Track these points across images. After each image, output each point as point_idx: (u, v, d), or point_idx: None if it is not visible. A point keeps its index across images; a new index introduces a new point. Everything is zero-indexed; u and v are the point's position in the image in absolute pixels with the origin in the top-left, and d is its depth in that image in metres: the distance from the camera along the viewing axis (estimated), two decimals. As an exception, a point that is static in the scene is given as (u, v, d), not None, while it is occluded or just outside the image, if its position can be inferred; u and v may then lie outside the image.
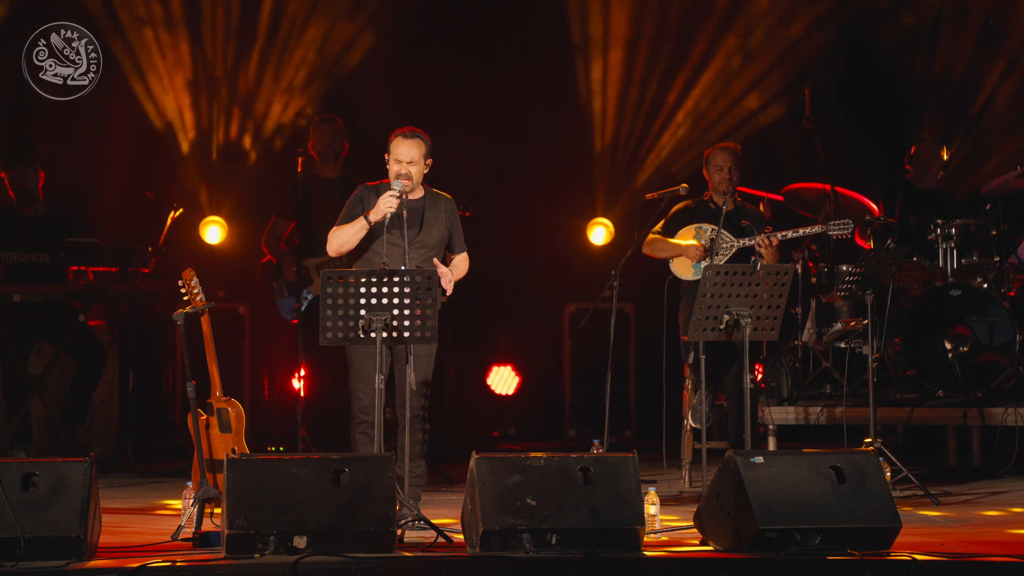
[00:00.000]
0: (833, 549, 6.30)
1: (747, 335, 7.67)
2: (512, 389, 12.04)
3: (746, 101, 11.74)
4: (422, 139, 7.58)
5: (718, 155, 9.04)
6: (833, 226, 8.82)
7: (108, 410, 10.46)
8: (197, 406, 7.48)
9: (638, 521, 6.35)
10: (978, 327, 9.78)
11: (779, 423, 9.77)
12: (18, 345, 9.94)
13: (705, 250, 8.90)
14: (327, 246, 7.62)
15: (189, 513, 7.01)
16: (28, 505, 6.17)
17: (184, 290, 7.73)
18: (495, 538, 6.27)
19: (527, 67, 11.95)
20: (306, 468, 6.32)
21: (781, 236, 8.75)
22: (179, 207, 10.26)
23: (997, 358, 9.76)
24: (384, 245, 7.39)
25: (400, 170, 7.52)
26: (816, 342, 10.08)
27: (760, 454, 6.52)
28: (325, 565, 6.06)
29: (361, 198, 7.60)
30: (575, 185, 12.03)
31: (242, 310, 11.38)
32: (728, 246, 8.84)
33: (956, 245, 9.92)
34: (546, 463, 6.42)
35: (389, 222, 7.38)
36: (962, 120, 11.63)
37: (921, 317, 9.81)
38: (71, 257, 9.82)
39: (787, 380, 9.95)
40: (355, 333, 7.02)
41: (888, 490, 6.54)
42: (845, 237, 8.97)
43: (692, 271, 8.97)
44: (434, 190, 7.71)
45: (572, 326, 11.78)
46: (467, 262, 7.80)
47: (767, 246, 8.73)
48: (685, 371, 9.21)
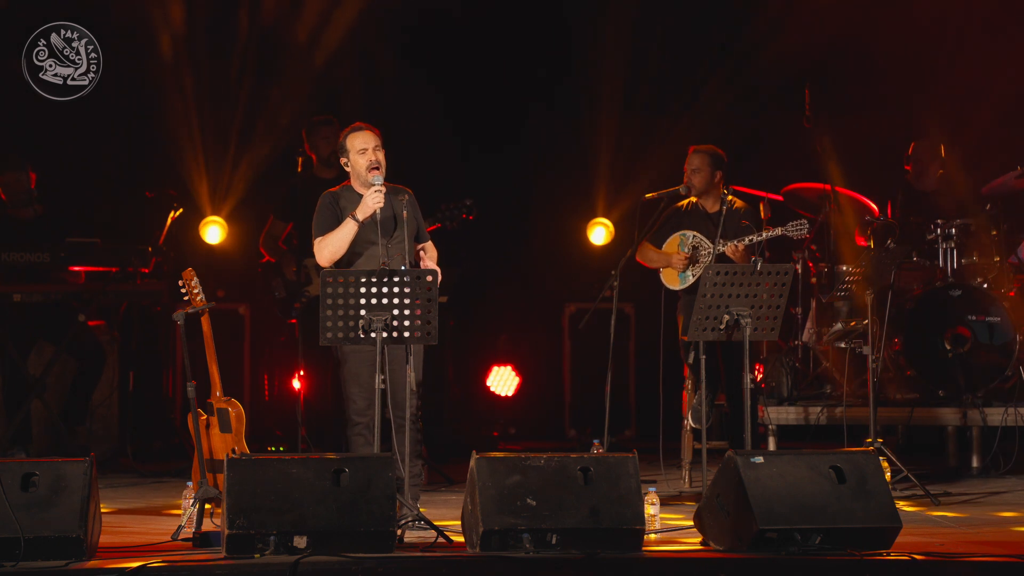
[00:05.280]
0: (833, 549, 6.30)
1: (747, 335, 7.67)
2: (512, 389, 12.04)
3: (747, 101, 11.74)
4: (373, 130, 7.55)
5: (689, 157, 9.06)
6: (791, 227, 8.83)
7: (108, 410, 10.46)
8: (197, 406, 7.48)
9: (638, 521, 6.35)
10: (978, 327, 9.78)
11: (779, 423, 9.77)
12: (18, 345, 9.94)
13: (688, 259, 8.92)
14: (318, 257, 7.51)
15: (189, 513, 7.01)
16: (28, 505, 6.17)
17: (184, 290, 7.73)
18: (495, 538, 6.27)
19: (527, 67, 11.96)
20: (306, 468, 6.32)
21: (748, 241, 8.76)
22: (179, 207, 10.26)
23: (997, 358, 9.76)
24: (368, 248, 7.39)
25: (370, 157, 7.46)
26: (816, 342, 10.09)
27: (760, 454, 6.52)
28: (325, 565, 6.06)
29: (331, 204, 7.52)
30: (575, 185, 12.04)
31: (242, 310, 11.39)
32: (707, 252, 8.85)
33: (956, 245, 9.93)
34: (546, 463, 6.42)
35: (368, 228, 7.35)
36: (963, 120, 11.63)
37: (921, 317, 9.81)
38: (71, 257, 9.82)
39: (787, 380, 9.95)
40: (355, 333, 7.01)
41: (888, 490, 6.54)
42: (803, 237, 8.96)
43: (679, 281, 8.98)
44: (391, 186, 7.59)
45: (572, 326, 11.79)
46: (435, 250, 7.76)
47: (734, 252, 8.75)
48: (685, 371, 9.21)
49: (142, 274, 9.89)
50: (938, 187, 10.53)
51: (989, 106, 11.46)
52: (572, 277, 12.01)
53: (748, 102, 11.71)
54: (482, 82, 11.96)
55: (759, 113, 11.67)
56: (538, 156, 12.00)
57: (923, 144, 10.61)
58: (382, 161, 7.50)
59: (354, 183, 7.58)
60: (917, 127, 11.00)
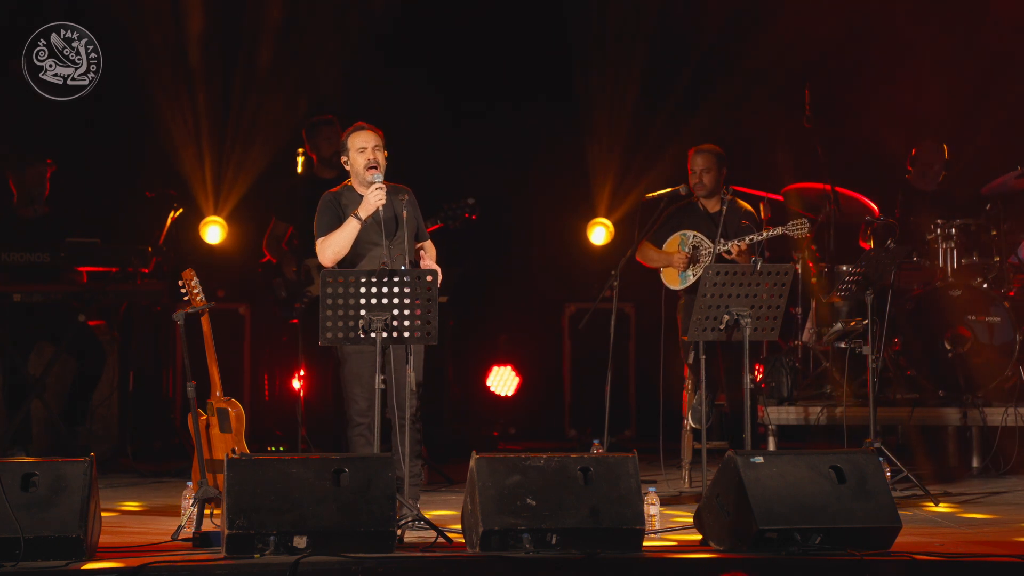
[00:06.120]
0: (833, 549, 6.30)
1: (747, 335, 7.67)
2: (512, 389, 12.04)
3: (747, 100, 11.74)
4: (374, 130, 7.56)
5: (692, 158, 9.06)
6: (791, 227, 8.83)
7: (108, 410, 10.46)
8: (197, 406, 7.47)
9: (638, 521, 6.35)
10: (978, 327, 9.78)
11: (779, 423, 9.77)
12: (18, 345, 9.94)
13: (688, 259, 8.92)
14: (321, 257, 7.51)
15: (189, 513, 7.01)
16: (28, 505, 6.17)
17: (184, 290, 7.73)
18: (495, 538, 6.27)
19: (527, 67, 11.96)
20: (306, 468, 6.32)
21: (749, 240, 8.76)
22: (179, 207, 10.26)
23: (997, 358, 9.76)
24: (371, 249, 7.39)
25: (368, 156, 7.47)
26: (816, 342, 10.09)
27: (760, 454, 6.52)
28: (325, 565, 6.06)
29: (332, 204, 7.53)
30: (575, 185, 12.03)
31: (242, 310, 11.39)
32: (707, 252, 8.85)
33: (956, 245, 9.93)
34: (546, 463, 6.42)
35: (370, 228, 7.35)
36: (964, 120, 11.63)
37: (921, 317, 9.81)
38: (71, 257, 9.82)
39: (787, 380, 9.95)
40: (355, 333, 7.01)
41: (888, 490, 6.54)
42: (804, 236, 8.96)
43: (679, 280, 8.98)
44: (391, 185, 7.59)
45: (572, 326, 11.79)
46: (435, 250, 7.75)
47: (736, 251, 8.75)
48: (685, 371, 9.21)
49: (142, 274, 9.89)
50: (939, 188, 10.54)
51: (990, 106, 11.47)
52: (572, 277, 12.01)
53: (748, 102, 11.70)
54: (482, 82, 11.95)
55: (759, 113, 11.67)
56: (538, 156, 11.99)
57: (926, 145, 10.61)
58: (381, 161, 7.50)
59: (354, 182, 7.58)
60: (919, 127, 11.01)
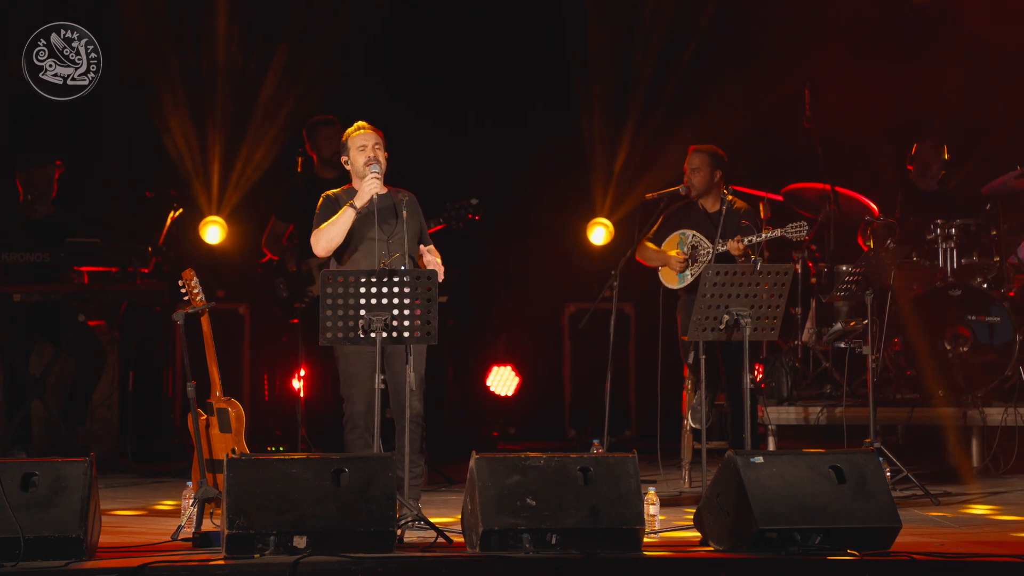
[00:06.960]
0: (833, 549, 6.30)
1: (747, 335, 7.67)
2: (512, 389, 12.04)
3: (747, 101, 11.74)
4: (375, 130, 7.57)
5: (688, 157, 9.05)
6: (791, 229, 8.83)
7: (108, 410, 10.46)
8: (197, 406, 7.47)
9: (638, 521, 6.35)
10: (978, 327, 9.78)
11: (779, 423, 9.77)
12: (18, 345, 9.94)
13: (687, 259, 8.92)
14: (315, 248, 7.53)
15: (189, 513, 7.01)
16: (28, 505, 6.17)
17: (184, 290, 7.73)
18: (495, 538, 6.27)
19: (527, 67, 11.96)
20: (306, 468, 6.32)
21: (748, 241, 8.75)
22: (179, 207, 10.26)
23: (997, 358, 9.76)
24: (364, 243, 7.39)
25: (368, 154, 7.49)
26: (816, 342, 10.09)
27: (760, 454, 6.52)
28: (325, 565, 6.06)
29: (331, 205, 7.54)
30: (575, 185, 12.03)
31: (242, 310, 11.39)
32: (706, 252, 8.84)
33: (956, 245, 9.93)
34: (546, 463, 6.42)
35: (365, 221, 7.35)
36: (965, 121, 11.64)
37: (921, 317, 9.81)
38: (71, 257, 9.82)
39: (787, 380, 9.95)
40: (355, 333, 7.01)
41: (888, 490, 6.55)
42: (803, 239, 8.95)
43: (677, 280, 8.98)
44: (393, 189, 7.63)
45: (572, 326, 11.79)
46: (438, 253, 7.74)
47: (736, 252, 8.75)
48: (685, 371, 9.21)
49: (142, 274, 9.88)
50: (939, 187, 10.54)
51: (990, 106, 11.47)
52: (572, 277, 12.01)
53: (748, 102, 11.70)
54: (482, 82, 11.95)
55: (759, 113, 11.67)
56: (538, 156, 11.99)
57: (926, 144, 10.62)
58: (381, 160, 7.50)
59: (354, 182, 7.59)
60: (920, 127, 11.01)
